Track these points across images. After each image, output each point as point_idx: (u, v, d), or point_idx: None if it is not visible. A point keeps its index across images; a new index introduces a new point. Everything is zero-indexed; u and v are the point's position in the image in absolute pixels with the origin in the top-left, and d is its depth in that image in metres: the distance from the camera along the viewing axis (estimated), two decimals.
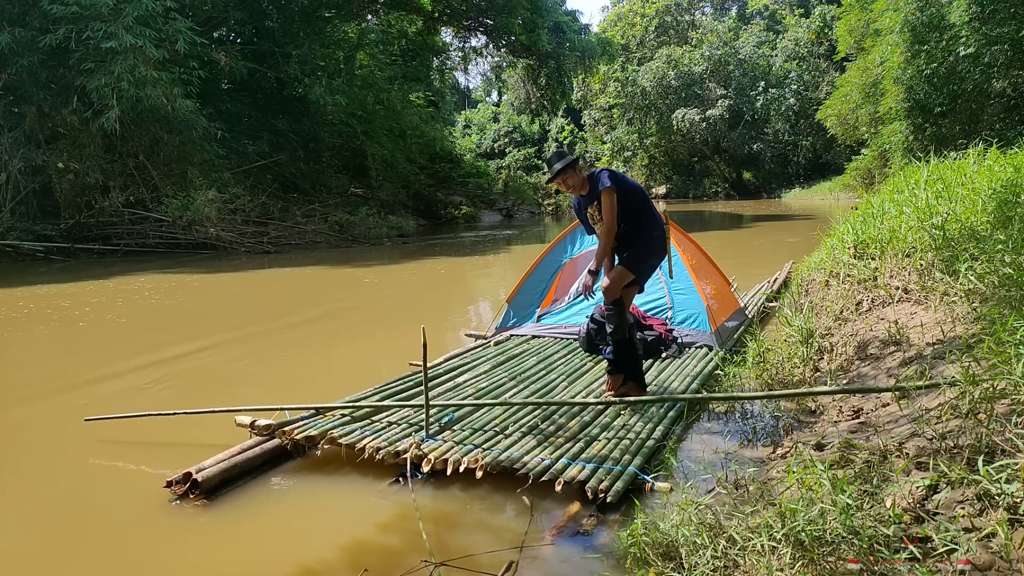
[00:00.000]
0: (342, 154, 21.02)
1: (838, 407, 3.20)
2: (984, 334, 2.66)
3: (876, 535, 1.72)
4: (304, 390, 4.45)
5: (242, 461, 3.04)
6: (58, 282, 10.44)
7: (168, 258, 13.77)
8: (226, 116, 17.28)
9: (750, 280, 7.61)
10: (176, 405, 3.80)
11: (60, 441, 3.78)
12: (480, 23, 24.55)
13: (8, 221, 13.97)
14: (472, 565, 2.26)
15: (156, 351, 5.85)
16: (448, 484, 2.90)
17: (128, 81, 13.19)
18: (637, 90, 36.71)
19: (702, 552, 1.93)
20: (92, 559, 2.56)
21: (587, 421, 3.38)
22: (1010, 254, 3.24)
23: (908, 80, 14.21)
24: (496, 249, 15.86)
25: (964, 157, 6.78)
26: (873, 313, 4.18)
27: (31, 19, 13.58)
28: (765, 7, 41.52)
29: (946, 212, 4.48)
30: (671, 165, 42.93)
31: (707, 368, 4.29)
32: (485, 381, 4.08)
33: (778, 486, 2.27)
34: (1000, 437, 1.96)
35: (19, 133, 14.35)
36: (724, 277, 5.95)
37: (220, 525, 2.68)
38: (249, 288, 9.92)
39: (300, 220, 16.82)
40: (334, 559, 2.40)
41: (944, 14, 13.00)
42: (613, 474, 2.76)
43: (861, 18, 20.99)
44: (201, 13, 16.98)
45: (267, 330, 6.77)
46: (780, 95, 34.55)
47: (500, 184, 27.47)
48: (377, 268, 12.36)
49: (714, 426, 3.50)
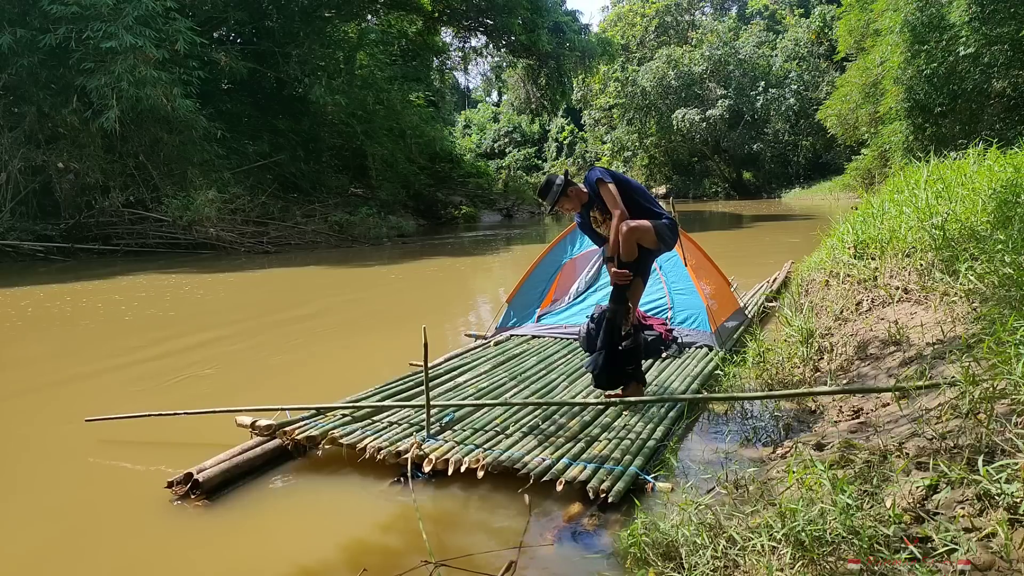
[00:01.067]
0: (342, 154, 21.03)
1: (838, 407, 3.20)
2: (984, 334, 2.66)
3: (876, 535, 1.72)
4: (305, 390, 4.45)
5: (243, 461, 3.04)
6: (58, 282, 10.44)
7: (168, 258, 13.77)
8: (226, 116, 17.28)
9: (750, 280, 7.61)
10: (176, 405, 3.80)
11: (60, 441, 3.78)
12: (480, 23, 24.56)
13: (8, 221, 13.97)
14: (472, 565, 2.26)
15: (156, 351, 5.86)
16: (449, 484, 2.90)
17: (128, 81, 13.20)
18: (637, 90, 36.73)
19: (702, 552, 1.93)
20: (93, 559, 2.56)
21: (588, 421, 3.39)
22: (1010, 254, 3.24)
23: (908, 80, 14.22)
24: (496, 249, 15.87)
25: (964, 157, 6.78)
26: (873, 313, 4.18)
27: (31, 19, 13.58)
28: (765, 7, 41.52)
29: (946, 212, 4.48)
30: (671, 165, 42.95)
31: (707, 368, 4.29)
32: (485, 381, 4.08)
33: (778, 486, 2.27)
34: (1000, 437, 1.96)
35: (19, 133, 14.36)
36: (724, 277, 5.95)
37: (221, 525, 2.68)
38: (249, 288, 9.92)
39: (300, 220, 16.83)
40: (334, 559, 2.40)
41: (944, 14, 13.01)
42: (614, 474, 2.76)
43: (861, 18, 21.00)
44: (201, 13, 16.99)
45: (267, 330, 6.77)
46: (780, 95, 34.57)
47: (500, 184, 27.50)
48: (377, 268, 12.36)
49: (714, 426, 3.51)
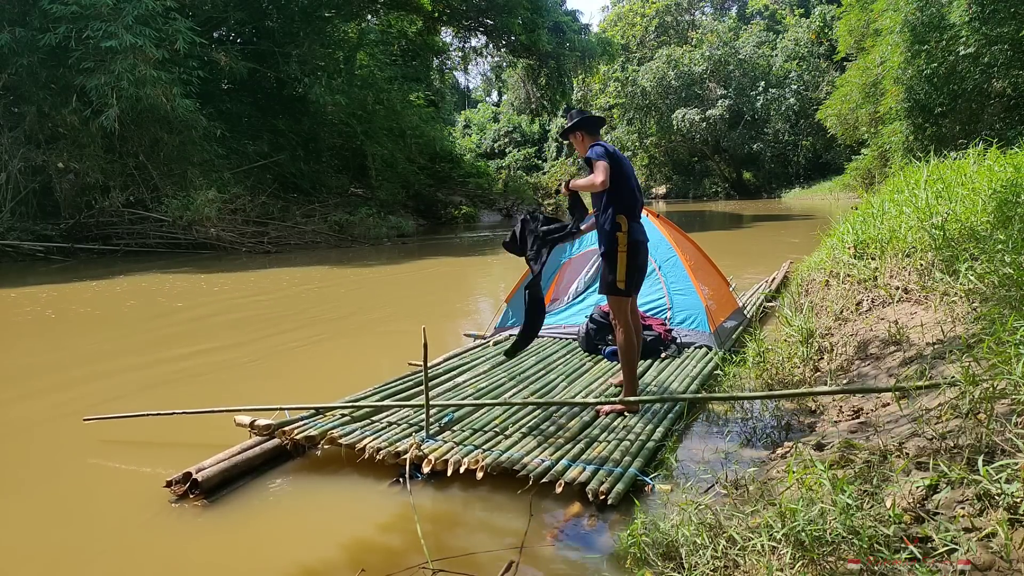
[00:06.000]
0: (342, 154, 21.02)
1: (838, 407, 3.20)
2: (984, 334, 2.66)
3: (876, 535, 1.72)
4: (304, 390, 4.45)
5: (242, 461, 3.04)
6: (58, 282, 10.44)
7: (168, 258, 13.76)
8: (226, 116, 17.28)
9: (750, 280, 7.61)
10: (175, 404, 3.80)
11: (59, 441, 3.78)
12: (480, 23, 24.54)
13: (8, 221, 13.97)
14: (472, 565, 2.26)
15: (156, 351, 5.85)
16: (448, 484, 2.90)
17: (128, 80, 13.19)
18: (637, 90, 36.73)
19: (702, 552, 1.93)
20: (92, 559, 2.56)
21: (587, 421, 3.38)
22: (1010, 254, 3.24)
23: (908, 80, 14.21)
24: (496, 249, 15.85)
25: (964, 157, 6.78)
26: (873, 313, 4.18)
27: (31, 19, 13.58)
28: (765, 7, 41.53)
29: (946, 212, 4.48)
30: (671, 165, 42.97)
31: (707, 368, 4.29)
32: (485, 381, 4.08)
33: (778, 486, 2.27)
34: (1000, 437, 1.96)
35: (19, 133, 14.36)
36: (723, 277, 5.95)
37: (220, 525, 2.68)
38: (248, 288, 9.91)
39: (300, 220, 16.83)
40: (333, 559, 2.40)
41: (944, 14, 12.99)
42: (614, 476, 2.75)
43: (861, 18, 20.99)
44: (201, 13, 16.98)
45: (267, 330, 6.76)
46: (780, 95, 34.58)
47: (500, 184, 27.46)
48: (377, 268, 12.36)
49: (714, 426, 3.50)
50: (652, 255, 5.31)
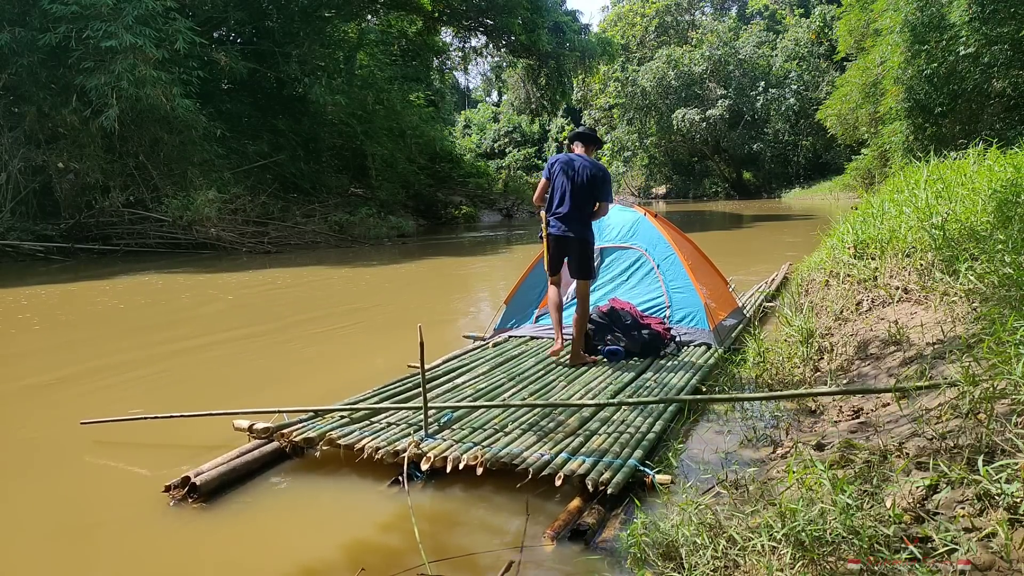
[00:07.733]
0: (342, 154, 21.02)
1: (838, 407, 3.20)
2: (984, 334, 2.65)
3: (876, 535, 1.71)
4: (302, 392, 4.44)
5: (240, 465, 3.02)
6: (58, 282, 10.44)
7: (168, 258, 13.76)
8: (226, 116, 17.28)
9: (749, 280, 7.61)
10: (175, 404, 3.79)
11: (57, 442, 3.77)
12: (480, 23, 24.55)
13: (8, 221, 13.97)
14: (471, 565, 2.26)
15: (154, 352, 5.85)
16: (448, 484, 2.89)
17: (128, 80, 13.20)
18: (637, 90, 36.75)
19: (702, 552, 1.93)
20: (91, 560, 2.55)
21: (586, 416, 3.39)
22: (1010, 254, 3.24)
23: (908, 80, 14.21)
24: (496, 249, 15.86)
25: (964, 157, 6.78)
26: (873, 313, 4.18)
27: (31, 19, 13.58)
28: (765, 7, 41.55)
29: (946, 212, 4.48)
30: (671, 165, 42.98)
31: (706, 365, 4.29)
32: (484, 382, 4.07)
33: (778, 486, 2.27)
34: (1000, 437, 1.96)
35: (19, 133, 14.36)
36: (722, 277, 5.95)
37: (219, 526, 2.68)
38: (248, 288, 9.91)
39: (300, 220, 16.83)
40: (332, 559, 2.39)
41: (944, 14, 12.99)
42: (613, 467, 2.75)
43: (861, 18, 21.01)
44: (201, 13, 16.99)
45: (266, 331, 6.76)
46: (780, 95, 34.60)
47: (500, 184, 27.46)
48: (377, 268, 12.36)
49: (714, 426, 3.50)
50: (651, 254, 5.33)
